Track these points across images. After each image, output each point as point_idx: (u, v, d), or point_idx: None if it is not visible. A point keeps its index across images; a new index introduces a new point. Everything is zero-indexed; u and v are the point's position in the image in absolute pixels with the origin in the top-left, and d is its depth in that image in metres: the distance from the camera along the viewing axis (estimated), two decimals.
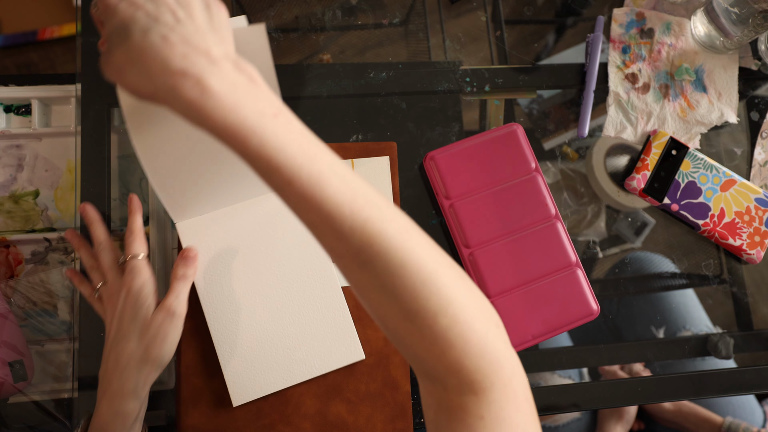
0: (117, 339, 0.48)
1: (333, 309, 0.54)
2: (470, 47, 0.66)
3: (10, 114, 0.69)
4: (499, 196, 0.59)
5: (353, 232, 0.34)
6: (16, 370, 0.58)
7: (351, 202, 0.34)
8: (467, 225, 0.58)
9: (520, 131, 0.60)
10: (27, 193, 0.67)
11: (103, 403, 0.47)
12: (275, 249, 0.55)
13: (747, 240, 0.63)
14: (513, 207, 0.58)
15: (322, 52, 0.64)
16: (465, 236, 0.58)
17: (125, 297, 0.48)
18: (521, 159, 0.59)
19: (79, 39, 0.61)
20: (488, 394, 0.35)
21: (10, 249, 0.66)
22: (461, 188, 0.59)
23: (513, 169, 0.59)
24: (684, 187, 0.63)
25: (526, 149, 0.60)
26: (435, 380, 0.36)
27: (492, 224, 0.58)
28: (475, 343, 0.35)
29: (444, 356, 0.35)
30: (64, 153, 0.68)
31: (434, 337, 0.35)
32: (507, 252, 0.58)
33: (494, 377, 0.35)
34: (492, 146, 0.59)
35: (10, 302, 0.65)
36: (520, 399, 0.36)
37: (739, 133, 0.67)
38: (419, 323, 0.35)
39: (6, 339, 0.59)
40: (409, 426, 0.54)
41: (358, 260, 0.35)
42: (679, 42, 0.67)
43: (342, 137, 0.61)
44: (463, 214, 0.58)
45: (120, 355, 0.47)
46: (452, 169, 0.59)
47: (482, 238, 0.58)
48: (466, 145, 0.59)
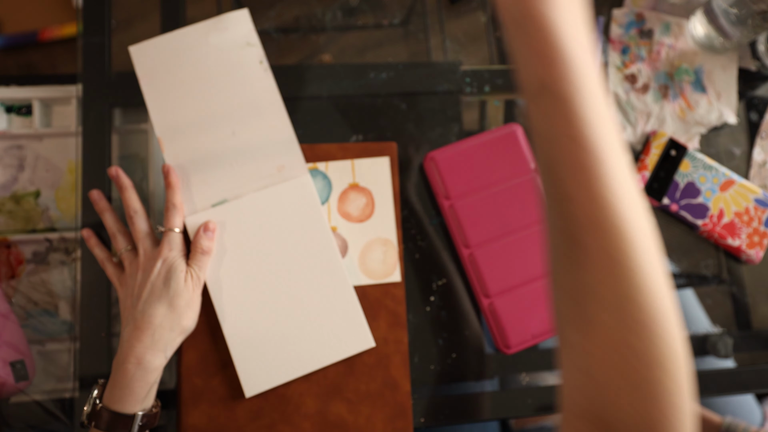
0: (149, 301, 0.50)
1: (342, 298, 0.55)
2: (470, 47, 0.66)
3: (11, 114, 0.69)
4: (498, 196, 0.59)
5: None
6: (18, 369, 0.59)
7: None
8: (467, 225, 0.58)
9: (520, 132, 0.60)
10: (28, 193, 0.68)
11: (130, 360, 0.48)
12: (284, 241, 0.55)
13: (746, 240, 0.63)
14: (513, 207, 0.59)
15: (322, 52, 0.64)
16: (465, 236, 0.58)
17: (161, 264, 0.51)
18: (521, 159, 0.59)
19: (80, 39, 0.61)
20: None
21: (11, 249, 0.66)
22: (461, 188, 0.59)
23: (513, 169, 0.59)
24: (683, 187, 0.63)
25: (526, 150, 0.60)
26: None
27: (492, 224, 0.58)
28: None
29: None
30: (65, 153, 0.68)
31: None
32: (507, 251, 0.58)
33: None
34: (492, 147, 0.60)
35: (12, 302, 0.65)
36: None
37: (738, 133, 0.68)
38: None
39: (7, 339, 0.59)
40: (409, 426, 0.54)
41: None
42: (678, 42, 0.67)
43: (342, 137, 0.61)
44: (463, 214, 0.58)
45: (153, 316, 0.49)
46: (452, 169, 0.59)
47: (482, 237, 0.58)
48: (466, 146, 0.59)
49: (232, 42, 0.58)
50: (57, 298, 0.65)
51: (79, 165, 0.58)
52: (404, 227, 0.60)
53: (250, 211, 0.55)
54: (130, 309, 0.51)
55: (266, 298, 0.54)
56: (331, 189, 0.58)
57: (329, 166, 0.58)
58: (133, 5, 0.63)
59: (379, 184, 0.59)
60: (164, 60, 0.58)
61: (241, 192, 0.56)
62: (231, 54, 0.58)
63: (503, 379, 0.58)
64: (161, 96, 0.57)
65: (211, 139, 0.57)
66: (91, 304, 0.56)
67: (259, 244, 0.55)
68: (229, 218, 0.55)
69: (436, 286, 0.59)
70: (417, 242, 0.60)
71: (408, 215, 0.60)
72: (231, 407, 0.53)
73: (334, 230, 0.58)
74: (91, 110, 0.59)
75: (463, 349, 0.58)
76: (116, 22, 0.62)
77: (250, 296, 0.54)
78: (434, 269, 0.59)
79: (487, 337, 0.61)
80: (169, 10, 0.62)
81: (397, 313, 0.56)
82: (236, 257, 0.54)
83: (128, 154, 0.62)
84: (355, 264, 0.57)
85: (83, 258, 0.57)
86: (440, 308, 0.58)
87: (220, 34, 0.58)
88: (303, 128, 0.61)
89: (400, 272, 0.57)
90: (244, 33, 0.59)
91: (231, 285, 0.54)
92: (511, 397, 0.57)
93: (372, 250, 0.57)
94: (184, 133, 0.56)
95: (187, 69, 0.57)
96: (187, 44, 0.58)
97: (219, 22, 0.58)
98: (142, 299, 0.50)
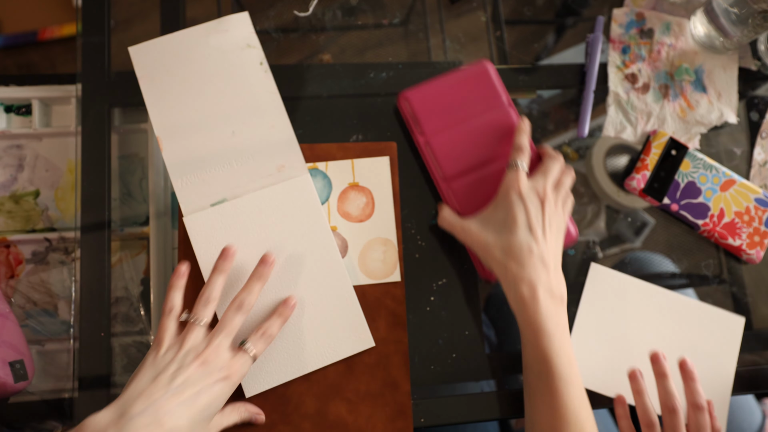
0: (181, 403, 0.43)
1: (342, 299, 0.55)
2: (470, 47, 0.66)
3: (10, 114, 0.69)
4: (473, 130, 0.59)
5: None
6: (17, 369, 0.58)
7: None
8: (443, 159, 0.59)
9: (491, 68, 0.61)
10: (27, 193, 0.67)
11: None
12: (284, 240, 0.55)
13: (747, 240, 0.63)
14: (488, 139, 0.59)
15: (322, 52, 0.64)
16: (442, 169, 0.59)
17: (224, 377, 0.45)
18: (492, 94, 0.60)
19: (80, 39, 0.61)
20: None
21: (11, 249, 0.66)
22: (436, 124, 0.59)
23: (485, 103, 0.60)
24: (684, 187, 0.63)
25: (498, 85, 0.60)
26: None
27: (468, 156, 0.59)
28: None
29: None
30: (65, 153, 0.68)
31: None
32: (486, 183, 0.59)
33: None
34: (464, 83, 0.60)
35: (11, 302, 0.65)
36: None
37: (738, 133, 0.68)
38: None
39: (6, 339, 0.59)
40: (409, 426, 0.54)
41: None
42: (678, 42, 0.67)
43: (342, 137, 0.61)
44: (439, 149, 0.59)
45: (172, 419, 0.42)
46: (426, 107, 0.59)
47: (459, 169, 0.59)
48: (439, 83, 0.60)
49: (232, 44, 0.58)
50: (56, 297, 0.65)
51: (79, 165, 0.58)
52: (404, 227, 0.60)
53: (250, 210, 0.55)
54: (157, 388, 0.43)
55: (266, 297, 0.54)
56: (331, 189, 0.58)
57: (329, 166, 0.58)
58: (132, 5, 0.63)
59: (379, 183, 0.59)
60: (164, 61, 0.57)
61: (240, 191, 0.56)
62: (231, 55, 0.58)
63: (503, 379, 0.58)
64: (160, 96, 0.57)
65: (211, 138, 0.56)
66: (91, 304, 0.56)
67: (259, 243, 0.55)
68: (228, 218, 0.55)
69: (436, 286, 0.59)
70: (417, 242, 0.60)
71: (408, 215, 0.60)
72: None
73: (334, 230, 0.57)
74: (91, 110, 0.59)
75: (463, 349, 0.58)
76: (115, 22, 0.62)
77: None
78: (434, 269, 0.59)
79: (486, 334, 0.61)
80: (168, 11, 0.62)
81: (397, 313, 0.56)
82: (235, 257, 0.54)
83: (128, 153, 0.62)
84: (355, 264, 0.57)
85: (82, 258, 0.57)
86: (440, 308, 0.58)
87: (220, 35, 0.58)
88: (303, 128, 0.61)
89: (400, 272, 0.57)
90: (245, 35, 0.59)
91: (230, 284, 0.54)
92: (511, 397, 0.57)
93: (372, 249, 0.57)
94: (184, 132, 0.56)
95: (187, 70, 0.57)
96: (187, 45, 0.58)
97: (219, 24, 0.58)
98: (177, 395, 0.43)
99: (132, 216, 0.61)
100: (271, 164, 0.56)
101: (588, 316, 0.60)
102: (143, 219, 0.61)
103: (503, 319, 0.62)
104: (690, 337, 0.60)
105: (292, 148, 0.57)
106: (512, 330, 0.60)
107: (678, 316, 0.60)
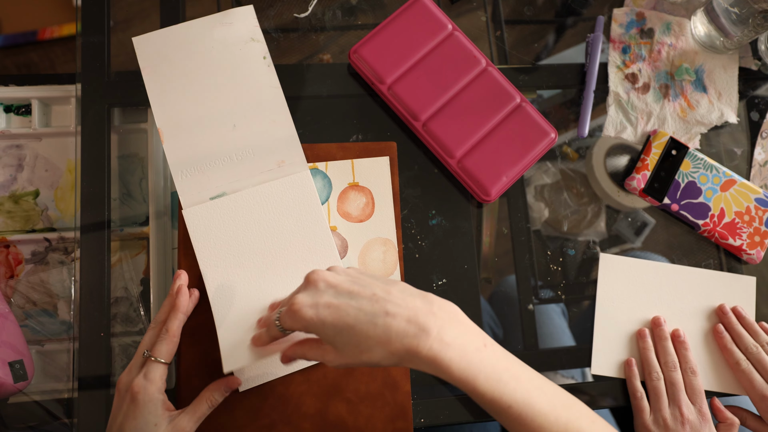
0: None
1: None
2: None
3: (10, 114, 0.69)
4: (428, 64, 0.61)
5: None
6: (17, 370, 0.58)
7: (553, 410, 0.42)
8: (409, 100, 0.60)
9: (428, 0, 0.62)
10: (27, 193, 0.67)
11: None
12: (282, 236, 0.55)
13: (747, 240, 0.63)
14: (445, 69, 0.61)
15: (322, 52, 0.64)
16: (412, 110, 0.60)
17: (129, 399, 0.46)
18: (436, 23, 0.61)
19: (79, 39, 0.61)
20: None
21: (10, 249, 0.66)
22: (392, 69, 0.60)
23: (432, 34, 0.61)
24: (684, 187, 0.63)
25: (438, 13, 0.62)
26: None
27: (432, 92, 0.60)
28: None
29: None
30: (64, 153, 0.68)
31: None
32: (456, 113, 0.60)
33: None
34: (405, 22, 0.61)
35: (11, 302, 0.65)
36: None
37: (739, 133, 0.67)
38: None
39: (6, 339, 0.59)
40: (409, 426, 0.54)
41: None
42: (679, 42, 0.67)
43: (342, 137, 0.61)
44: (403, 92, 0.60)
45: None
46: (378, 55, 0.60)
47: (428, 107, 0.60)
48: (382, 30, 0.61)
49: (236, 37, 0.58)
50: (56, 298, 0.65)
51: (78, 164, 0.58)
52: (404, 227, 0.60)
53: (249, 204, 0.55)
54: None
55: (263, 293, 0.54)
56: (331, 188, 0.58)
57: (329, 166, 0.58)
58: (132, 5, 0.63)
59: (379, 183, 0.58)
60: (167, 52, 0.57)
61: (240, 185, 0.56)
62: (235, 48, 0.58)
63: None
64: (163, 87, 0.57)
65: (212, 131, 0.56)
66: (90, 304, 0.56)
67: (257, 238, 0.55)
68: (227, 211, 0.55)
69: (436, 286, 0.59)
70: (417, 242, 0.60)
71: (408, 215, 0.60)
72: (230, 407, 0.53)
73: (334, 230, 0.57)
74: (90, 110, 0.59)
75: None
76: (115, 21, 0.62)
77: (247, 291, 0.54)
78: (434, 269, 0.59)
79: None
80: (168, 10, 0.62)
81: None
82: (233, 251, 0.54)
83: (127, 153, 0.62)
84: (355, 264, 0.57)
85: (82, 258, 0.57)
86: None
87: (225, 28, 0.58)
88: (303, 128, 0.60)
89: (400, 272, 0.57)
90: (249, 29, 0.59)
91: (227, 279, 0.54)
92: None
93: (372, 249, 0.57)
94: (185, 125, 0.56)
95: (190, 62, 0.57)
96: (191, 37, 0.58)
97: (224, 17, 0.59)
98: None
99: (132, 216, 0.61)
100: (271, 159, 0.56)
101: (607, 306, 0.61)
102: (143, 219, 0.61)
103: (504, 319, 0.62)
104: (707, 304, 0.62)
105: (292, 144, 0.57)
106: (512, 330, 0.60)
107: (692, 287, 0.62)
